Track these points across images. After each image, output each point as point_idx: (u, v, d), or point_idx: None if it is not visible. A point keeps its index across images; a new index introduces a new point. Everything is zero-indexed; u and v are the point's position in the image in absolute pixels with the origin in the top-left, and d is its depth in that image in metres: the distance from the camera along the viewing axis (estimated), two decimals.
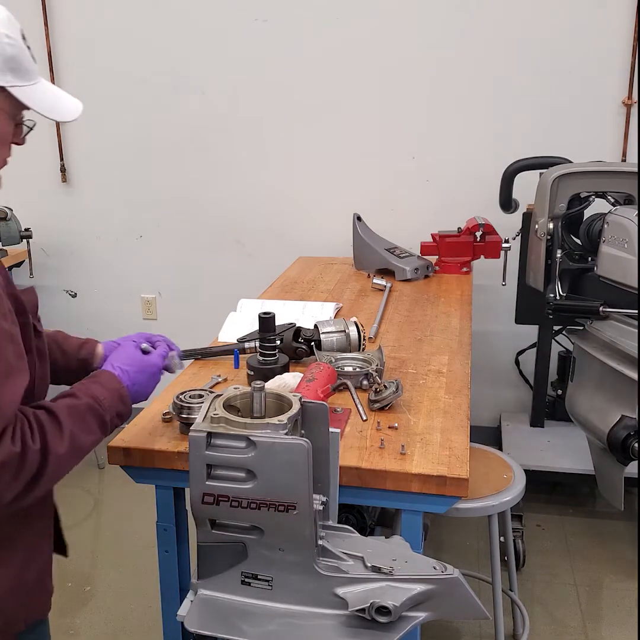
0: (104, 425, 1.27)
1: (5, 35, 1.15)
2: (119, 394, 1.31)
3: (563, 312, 2.50)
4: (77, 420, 1.22)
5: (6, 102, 1.17)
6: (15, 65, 1.16)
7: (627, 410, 2.27)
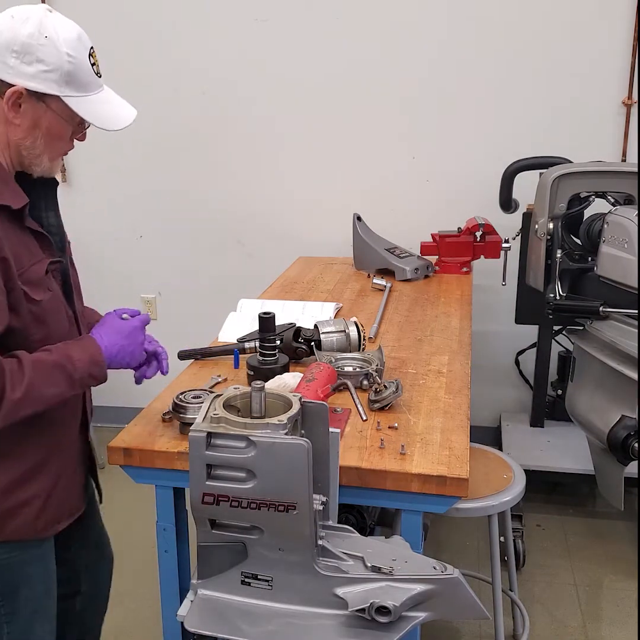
0: (72, 382, 1.42)
1: (67, 54, 1.37)
2: (93, 357, 1.45)
3: (563, 312, 2.50)
4: (40, 372, 1.37)
5: (63, 109, 1.41)
6: (72, 79, 1.39)
7: (627, 410, 2.27)
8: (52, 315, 1.47)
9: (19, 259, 1.39)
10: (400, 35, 3.27)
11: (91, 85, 1.42)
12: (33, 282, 1.42)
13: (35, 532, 1.56)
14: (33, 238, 1.46)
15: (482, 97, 3.28)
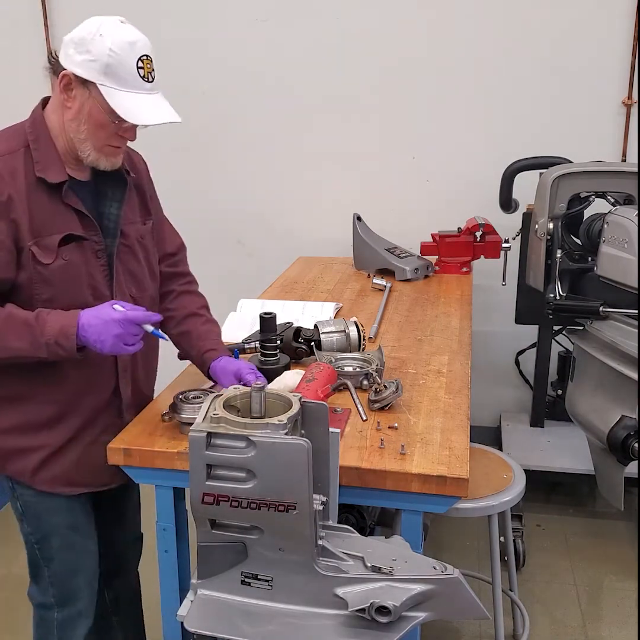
0: (37, 344, 1.53)
1: (110, 49, 1.52)
2: (64, 328, 1.54)
3: (563, 312, 2.50)
4: (10, 324, 1.54)
5: (101, 98, 1.54)
6: (110, 72, 1.52)
7: (627, 410, 2.27)
8: (61, 280, 1.61)
9: (43, 226, 1.58)
10: (400, 35, 3.27)
11: (131, 84, 1.55)
12: (46, 247, 1.58)
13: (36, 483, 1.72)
14: (75, 215, 1.63)
15: (482, 97, 3.28)
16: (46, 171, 1.59)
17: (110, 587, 2.06)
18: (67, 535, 1.78)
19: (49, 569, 1.80)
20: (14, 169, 1.57)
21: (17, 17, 3.51)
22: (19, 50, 3.53)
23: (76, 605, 1.84)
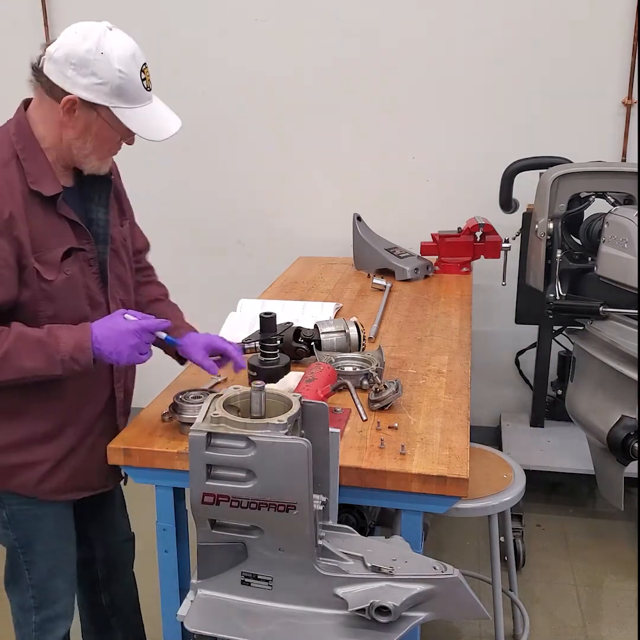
0: (53, 361, 1.51)
1: (118, 70, 1.50)
2: (79, 342, 1.53)
3: (563, 312, 2.50)
4: (23, 344, 1.50)
5: (111, 118, 1.55)
6: (121, 92, 1.52)
7: (627, 410, 2.27)
8: (64, 295, 1.59)
9: (41, 240, 1.55)
10: (400, 35, 3.27)
11: (139, 99, 1.57)
12: (49, 263, 1.56)
13: (39, 493, 1.70)
14: (68, 225, 1.60)
15: (482, 97, 3.28)
16: (40, 183, 1.55)
17: (106, 591, 2.06)
18: (51, 541, 1.78)
19: (30, 572, 1.78)
20: (11, 182, 1.52)
21: (17, 17, 3.51)
22: (19, 51, 3.53)
23: (54, 607, 1.82)
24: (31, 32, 3.49)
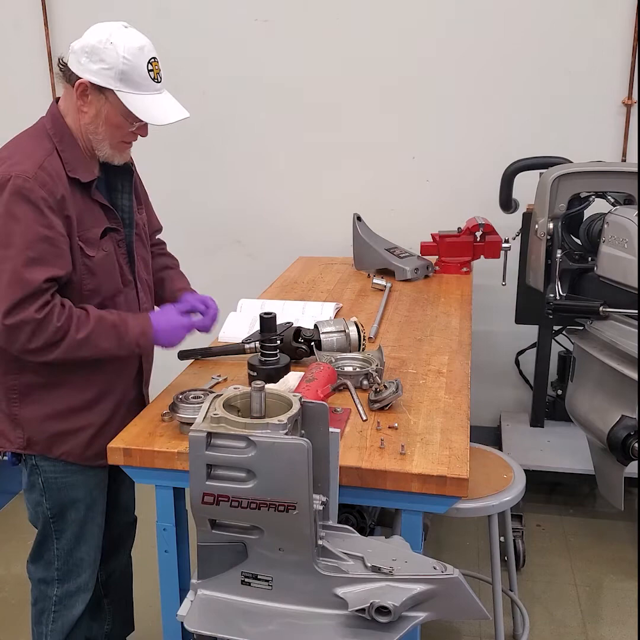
0: (122, 343, 1.74)
1: (124, 57, 1.64)
2: (144, 329, 1.78)
3: (563, 312, 2.50)
4: (100, 326, 1.70)
5: (118, 102, 1.67)
6: (125, 77, 1.65)
7: (627, 410, 2.27)
8: (103, 271, 1.77)
9: (82, 221, 1.72)
10: (400, 35, 3.27)
11: (144, 87, 1.68)
12: (90, 241, 1.74)
13: (83, 459, 1.85)
14: (100, 209, 1.78)
15: (482, 97, 3.28)
16: (76, 171, 1.71)
17: (103, 569, 2.12)
18: (82, 509, 1.89)
19: (59, 541, 1.89)
20: (58, 168, 1.68)
21: (17, 17, 3.51)
22: (19, 51, 3.53)
23: (77, 580, 1.92)
24: (31, 32, 3.49)
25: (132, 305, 1.87)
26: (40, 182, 1.62)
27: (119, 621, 2.22)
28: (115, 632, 2.22)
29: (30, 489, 1.88)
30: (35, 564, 1.94)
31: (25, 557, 1.94)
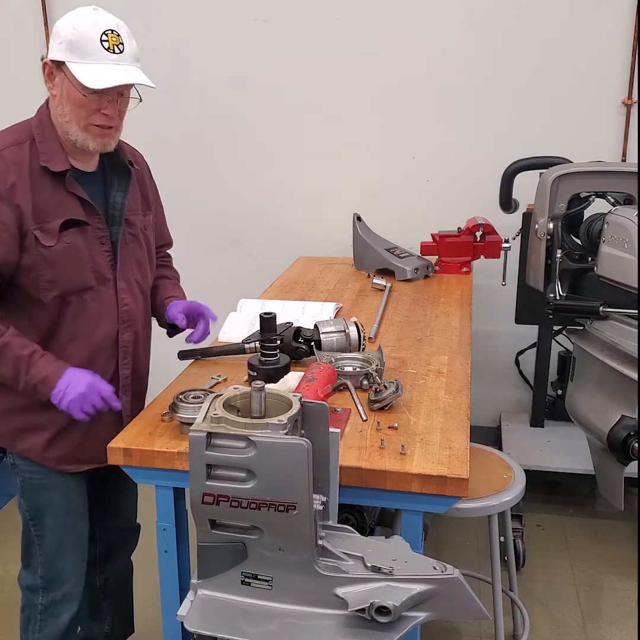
0: (17, 379, 1.68)
1: (73, 27, 1.62)
2: (48, 379, 1.67)
3: (563, 312, 2.50)
4: (2, 353, 1.65)
5: (71, 75, 1.62)
6: (74, 47, 1.61)
7: (627, 410, 2.27)
8: (63, 262, 1.71)
9: (45, 211, 1.68)
10: (400, 35, 3.27)
11: (95, 56, 1.62)
12: (49, 231, 1.68)
13: (45, 461, 1.80)
14: (78, 202, 1.73)
15: (482, 97, 3.28)
16: (50, 161, 1.68)
17: (102, 573, 2.12)
18: (60, 515, 1.85)
19: (41, 547, 1.86)
20: (20, 158, 1.66)
21: (17, 17, 3.51)
22: (19, 51, 3.53)
23: (61, 589, 1.88)
24: (31, 32, 3.49)
25: (107, 304, 1.80)
26: None
27: (119, 623, 2.22)
28: (115, 633, 2.22)
29: (14, 489, 1.87)
30: (25, 570, 1.92)
31: None
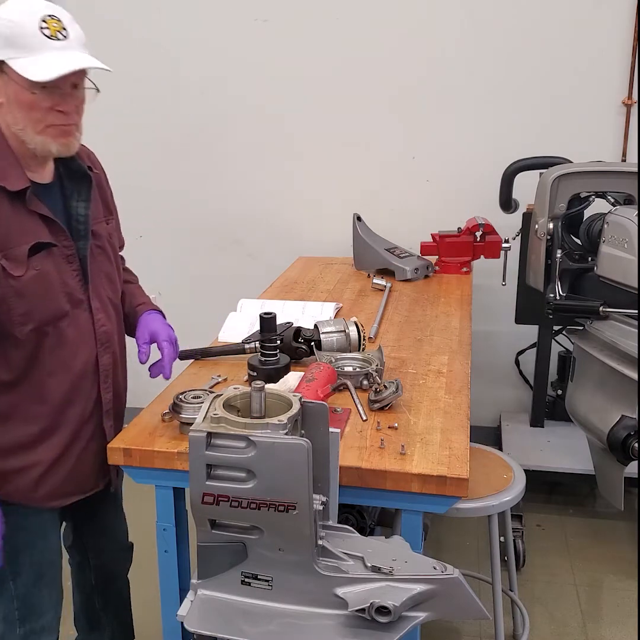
0: None
1: (7, 19, 1.45)
2: None
3: (563, 312, 2.50)
4: None
5: (15, 74, 1.45)
6: (11, 41, 1.44)
7: (627, 410, 2.27)
8: (35, 292, 1.54)
9: (8, 237, 1.50)
10: (400, 35, 3.27)
11: (36, 47, 1.45)
12: (15, 258, 1.50)
13: (33, 501, 1.68)
14: (41, 221, 1.55)
15: (482, 97, 3.28)
16: (5, 179, 1.50)
17: (100, 596, 2.08)
18: (35, 553, 1.74)
19: (15, 582, 1.73)
20: None
21: None
22: None
23: (39, 620, 1.77)
24: None
25: (84, 328, 1.66)
26: None
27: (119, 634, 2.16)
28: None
29: None
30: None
31: None
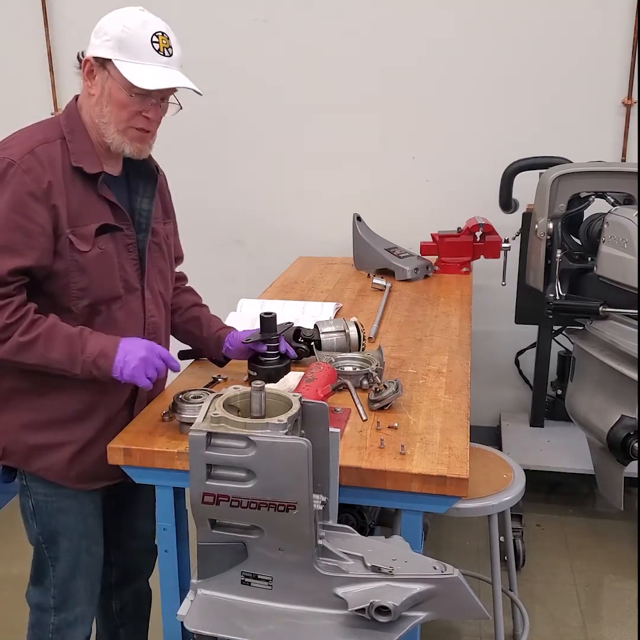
0: (74, 359, 1.58)
1: (123, 25, 1.58)
2: (106, 350, 1.60)
3: (563, 312, 2.50)
4: (53, 334, 1.57)
5: (118, 75, 1.58)
6: (123, 45, 1.57)
7: (627, 410, 2.27)
8: (96, 269, 1.65)
9: (79, 214, 1.62)
10: (400, 35, 3.27)
11: (145, 56, 1.58)
12: (83, 235, 1.62)
13: (67, 481, 1.73)
14: (108, 207, 1.67)
15: (482, 97, 3.28)
16: (83, 162, 1.62)
17: (118, 597, 2.06)
18: (75, 537, 1.79)
19: (54, 569, 1.79)
20: (53, 156, 1.59)
21: (17, 17, 3.51)
22: (19, 51, 3.53)
23: (74, 610, 1.82)
24: (31, 32, 3.49)
25: (135, 315, 1.74)
26: (25, 168, 1.54)
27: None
28: None
29: (22, 510, 1.79)
30: (35, 588, 1.84)
31: (25, 557, 1.93)
